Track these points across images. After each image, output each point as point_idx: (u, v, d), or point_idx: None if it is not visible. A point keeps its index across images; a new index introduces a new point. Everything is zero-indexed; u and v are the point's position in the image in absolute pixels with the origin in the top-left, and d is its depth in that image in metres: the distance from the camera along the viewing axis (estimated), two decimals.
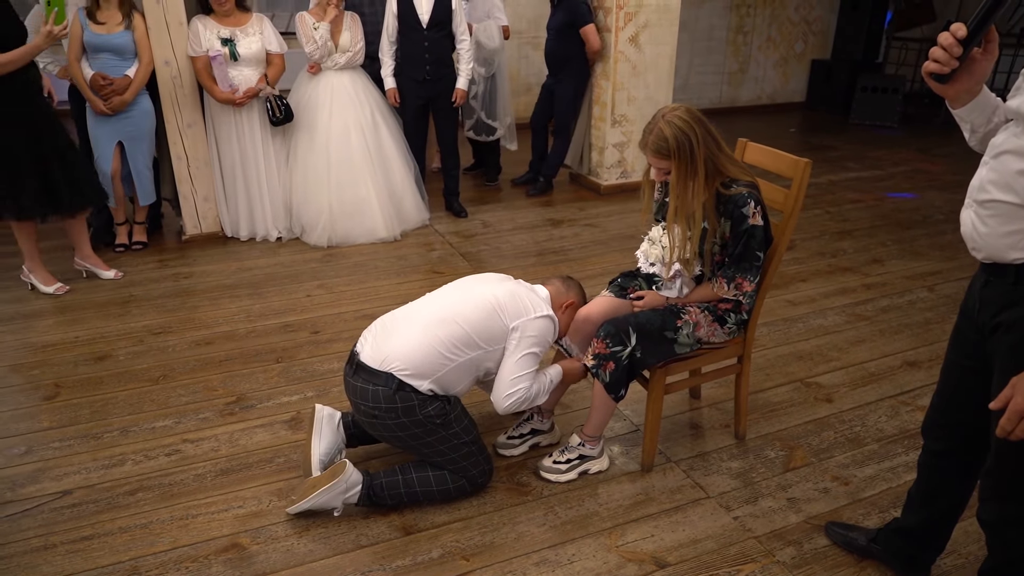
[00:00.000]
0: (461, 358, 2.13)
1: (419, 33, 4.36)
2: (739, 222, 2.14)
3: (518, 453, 2.50)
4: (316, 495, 2.11)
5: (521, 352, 2.17)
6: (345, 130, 4.31)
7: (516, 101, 6.85)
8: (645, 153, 2.16)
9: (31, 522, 2.17)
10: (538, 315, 2.19)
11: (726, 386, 2.83)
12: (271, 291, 3.77)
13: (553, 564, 2.04)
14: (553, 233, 4.67)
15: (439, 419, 2.12)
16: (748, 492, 2.33)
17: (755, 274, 2.21)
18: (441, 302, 2.22)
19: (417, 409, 2.09)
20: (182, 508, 2.24)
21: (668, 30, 5.22)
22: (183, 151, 4.25)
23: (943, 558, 2.06)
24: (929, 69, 1.39)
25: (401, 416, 2.09)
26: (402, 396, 2.07)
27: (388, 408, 2.08)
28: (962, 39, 1.34)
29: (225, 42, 4.04)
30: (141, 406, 2.76)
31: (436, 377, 2.11)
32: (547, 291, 2.33)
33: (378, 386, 2.08)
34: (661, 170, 2.16)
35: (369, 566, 2.03)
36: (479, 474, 2.25)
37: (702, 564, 2.05)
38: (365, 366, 2.12)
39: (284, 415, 2.71)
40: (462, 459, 2.20)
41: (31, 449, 2.50)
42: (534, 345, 2.19)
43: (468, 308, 2.16)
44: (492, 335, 2.16)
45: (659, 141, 2.09)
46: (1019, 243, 1.35)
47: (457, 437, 2.17)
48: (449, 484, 2.21)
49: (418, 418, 2.09)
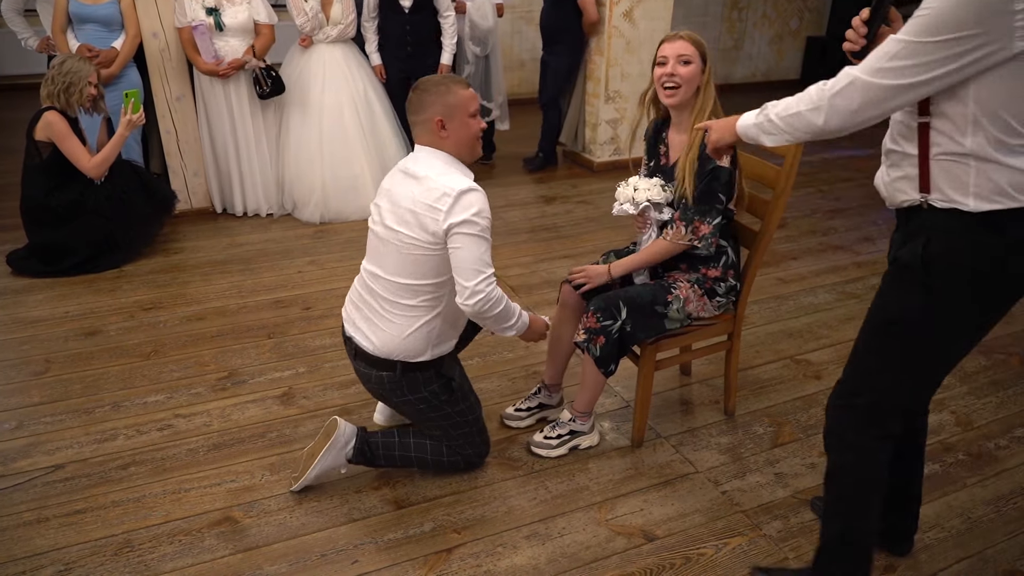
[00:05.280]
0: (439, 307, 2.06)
1: (401, 16, 4.32)
2: (707, 161, 2.13)
3: (524, 426, 2.52)
4: (318, 461, 2.13)
5: (465, 242, 1.93)
6: (338, 105, 4.27)
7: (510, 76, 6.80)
8: (673, 40, 2.16)
9: (23, 496, 2.18)
10: (454, 201, 1.91)
11: (716, 363, 2.85)
12: (263, 267, 3.76)
13: (543, 537, 2.07)
14: (546, 210, 4.66)
15: (444, 395, 2.14)
16: (736, 467, 2.36)
17: (714, 216, 2.17)
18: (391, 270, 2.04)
19: (422, 387, 2.12)
20: (175, 482, 2.25)
21: (663, 5, 5.17)
22: (172, 125, 4.20)
23: (926, 531, 2.10)
24: (845, 47, 1.57)
25: (407, 393, 2.13)
26: (408, 379, 2.09)
27: (393, 388, 2.12)
28: (866, 20, 1.53)
29: (210, 11, 3.96)
30: (132, 381, 2.76)
31: (431, 342, 2.09)
32: (436, 157, 2.01)
33: (382, 371, 2.09)
34: (681, 58, 2.14)
35: (361, 539, 2.05)
36: (474, 454, 2.27)
37: (690, 538, 2.08)
38: (364, 354, 2.12)
39: (276, 390, 2.72)
40: (461, 437, 2.21)
41: (22, 424, 2.50)
42: (472, 228, 1.92)
43: (413, 261, 1.99)
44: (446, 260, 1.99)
45: (694, 34, 2.15)
46: (904, 188, 1.46)
47: (460, 415, 2.19)
48: (443, 456, 2.22)
49: (423, 395, 2.13)
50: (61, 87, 3.42)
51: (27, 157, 3.54)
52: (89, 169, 3.51)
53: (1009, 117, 1.30)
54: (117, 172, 3.68)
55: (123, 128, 3.53)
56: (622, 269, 2.30)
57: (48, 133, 3.44)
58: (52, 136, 3.44)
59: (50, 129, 3.43)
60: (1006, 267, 1.40)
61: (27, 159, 3.55)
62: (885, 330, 1.55)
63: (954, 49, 1.27)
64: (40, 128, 3.45)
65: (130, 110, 3.50)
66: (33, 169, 3.53)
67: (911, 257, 1.46)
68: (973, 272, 1.40)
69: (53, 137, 3.44)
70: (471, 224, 1.92)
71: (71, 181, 3.55)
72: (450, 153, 2.02)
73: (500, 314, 2.02)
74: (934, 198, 1.42)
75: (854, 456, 1.68)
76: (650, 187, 2.26)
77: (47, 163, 3.50)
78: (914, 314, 1.48)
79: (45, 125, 3.43)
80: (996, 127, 1.31)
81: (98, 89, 3.55)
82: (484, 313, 1.98)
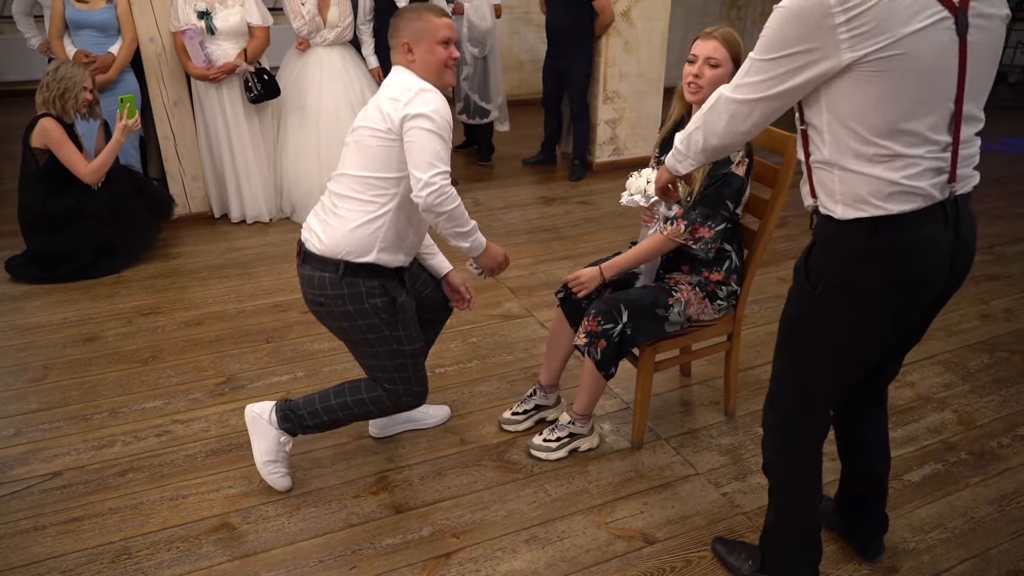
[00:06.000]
0: (390, 205, 2.01)
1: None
2: (720, 165, 2.11)
3: (522, 429, 2.51)
4: (253, 445, 2.17)
5: (420, 135, 1.91)
6: (335, 108, 4.26)
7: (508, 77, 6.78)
8: (707, 40, 2.11)
9: (21, 504, 2.17)
10: (414, 95, 1.92)
11: (716, 363, 2.84)
12: (261, 271, 3.75)
13: (543, 541, 2.05)
14: (545, 211, 4.65)
15: (385, 314, 2.04)
16: (737, 469, 2.35)
17: (718, 222, 2.14)
18: (347, 164, 2.06)
19: (364, 297, 2.02)
20: (172, 488, 2.24)
21: (661, 4, 5.15)
22: (170, 130, 4.20)
23: (929, 532, 2.08)
24: None
25: (348, 303, 2.02)
26: (349, 282, 2.00)
27: (335, 295, 2.02)
28: None
29: (201, 15, 3.95)
30: (130, 387, 2.75)
31: (377, 243, 2.01)
32: (405, 73, 2.02)
33: (325, 272, 2.01)
34: (710, 60, 2.10)
35: (359, 544, 2.04)
36: (405, 392, 2.15)
37: (691, 540, 2.06)
38: (313, 255, 2.05)
39: (274, 395, 2.70)
40: (396, 370, 2.11)
41: (20, 431, 2.49)
42: (428, 123, 1.91)
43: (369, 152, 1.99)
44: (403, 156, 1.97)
45: (731, 36, 2.11)
46: (805, 193, 1.53)
47: (398, 342, 2.08)
48: (363, 393, 2.14)
49: (364, 307, 2.02)
50: (56, 93, 3.41)
51: (24, 164, 3.54)
52: (85, 175, 3.51)
53: (857, 126, 1.34)
54: (115, 177, 3.68)
55: (119, 134, 3.52)
56: (614, 270, 2.27)
57: (44, 140, 3.44)
58: (48, 143, 3.44)
59: (46, 136, 3.42)
60: (875, 274, 1.43)
61: (24, 166, 3.54)
62: (786, 331, 1.63)
63: (790, 64, 1.34)
64: (36, 135, 3.45)
65: (125, 115, 3.49)
66: (30, 176, 3.53)
67: (799, 261, 1.55)
68: (846, 278, 1.45)
69: (49, 144, 3.44)
70: (427, 119, 1.90)
71: (68, 187, 3.55)
72: (418, 76, 2.02)
73: (452, 212, 1.95)
74: (820, 203, 1.48)
75: (778, 456, 1.75)
76: None
77: (44, 170, 3.50)
78: (805, 316, 1.56)
79: (41, 132, 3.43)
80: (849, 136, 1.36)
81: (93, 94, 3.54)
82: (435, 207, 1.92)
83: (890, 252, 1.40)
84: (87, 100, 3.50)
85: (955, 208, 1.41)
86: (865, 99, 1.32)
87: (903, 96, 1.30)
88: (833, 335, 1.54)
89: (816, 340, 1.57)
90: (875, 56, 1.27)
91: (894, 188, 1.36)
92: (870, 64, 1.28)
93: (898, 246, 1.40)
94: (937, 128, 1.34)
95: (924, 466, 2.37)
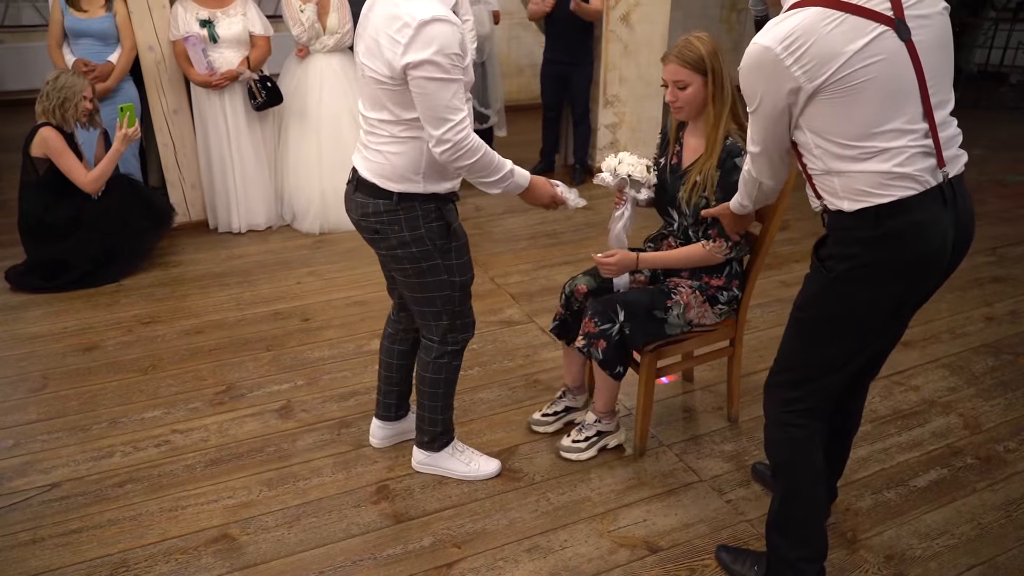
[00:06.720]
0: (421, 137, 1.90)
1: None
2: (730, 172, 2.10)
3: (552, 431, 2.50)
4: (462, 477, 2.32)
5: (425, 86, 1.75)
6: (336, 115, 4.25)
7: (507, 82, 6.78)
8: (666, 64, 2.12)
9: (19, 516, 2.16)
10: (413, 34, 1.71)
11: (719, 369, 2.81)
12: (261, 279, 3.74)
13: (545, 550, 2.03)
14: (546, 216, 4.63)
15: (440, 240, 1.99)
16: (741, 475, 2.32)
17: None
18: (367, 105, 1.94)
19: (421, 221, 1.96)
20: (171, 499, 2.22)
21: (660, 8, 5.14)
22: (169, 138, 4.19)
23: (936, 539, 2.06)
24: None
25: (404, 229, 1.96)
26: (405, 207, 1.94)
27: (391, 220, 1.96)
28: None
29: (204, 24, 3.95)
30: (130, 397, 2.74)
31: (422, 171, 1.93)
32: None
33: (379, 199, 1.95)
34: (677, 84, 2.11)
35: (360, 555, 2.02)
36: (450, 328, 2.13)
37: (695, 548, 2.04)
38: (365, 181, 1.97)
39: (274, 404, 2.69)
40: (443, 302, 2.07)
41: (19, 442, 2.48)
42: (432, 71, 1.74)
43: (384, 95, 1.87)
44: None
45: (686, 51, 2.09)
46: (811, 196, 1.66)
47: (449, 272, 2.04)
48: (428, 359, 2.19)
49: (420, 232, 1.96)
50: (56, 102, 3.41)
51: (24, 174, 3.54)
52: (86, 184, 3.50)
53: (836, 138, 1.50)
54: (115, 186, 3.67)
55: (119, 143, 3.52)
56: (648, 263, 2.28)
57: (44, 149, 3.43)
58: (48, 152, 3.43)
59: (46, 145, 3.42)
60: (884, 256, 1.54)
61: (24, 176, 3.54)
62: (799, 311, 1.73)
63: (768, 108, 1.53)
64: (36, 145, 3.44)
65: (125, 124, 3.49)
66: (30, 186, 3.53)
67: (814, 251, 1.69)
68: (859, 261, 1.56)
69: (49, 153, 3.43)
70: (431, 65, 1.72)
71: (69, 196, 3.54)
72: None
73: (475, 165, 1.86)
74: (827, 202, 1.61)
75: (780, 432, 1.80)
76: (634, 163, 2.24)
77: (44, 179, 3.49)
78: (819, 295, 1.66)
79: (41, 141, 3.42)
80: (833, 146, 1.51)
81: (93, 103, 3.54)
82: (454, 163, 1.84)
83: (897, 234, 1.51)
84: (87, 109, 3.49)
85: (952, 189, 1.53)
86: (835, 116, 1.47)
87: (870, 105, 1.44)
88: (843, 314, 1.63)
89: (826, 318, 1.65)
90: (834, 78, 1.42)
91: (889, 176, 1.48)
92: (832, 86, 1.43)
93: (904, 228, 1.51)
94: (912, 119, 1.46)
95: (930, 471, 2.35)
